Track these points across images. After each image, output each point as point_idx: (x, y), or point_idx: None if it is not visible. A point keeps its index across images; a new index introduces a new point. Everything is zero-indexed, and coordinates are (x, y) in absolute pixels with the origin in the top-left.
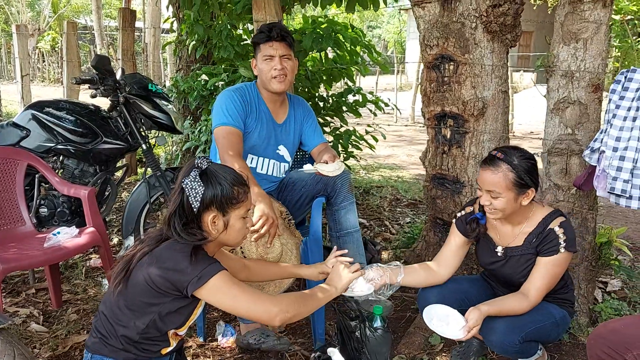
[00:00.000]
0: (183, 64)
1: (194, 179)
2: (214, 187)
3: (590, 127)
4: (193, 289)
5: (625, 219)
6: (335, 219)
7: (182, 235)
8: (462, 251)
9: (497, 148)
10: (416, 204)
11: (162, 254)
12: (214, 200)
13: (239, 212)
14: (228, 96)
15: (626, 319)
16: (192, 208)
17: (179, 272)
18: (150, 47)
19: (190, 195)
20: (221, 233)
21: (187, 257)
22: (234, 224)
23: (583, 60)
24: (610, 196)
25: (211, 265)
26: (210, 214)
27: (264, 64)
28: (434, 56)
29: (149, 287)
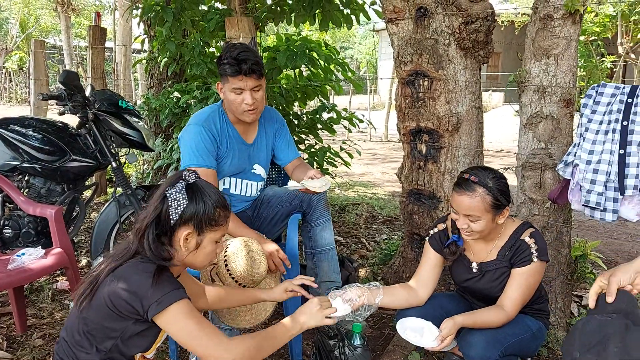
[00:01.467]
0: (155, 82)
1: (179, 190)
2: (197, 203)
3: (563, 141)
4: (153, 313)
5: (597, 233)
6: (310, 236)
7: (151, 248)
8: (438, 269)
9: (468, 170)
10: (392, 220)
11: (124, 273)
12: (194, 217)
13: (214, 235)
14: (197, 133)
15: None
16: (169, 219)
17: (140, 294)
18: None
19: (172, 205)
20: (190, 252)
21: (150, 278)
22: (205, 246)
23: (554, 76)
24: (585, 209)
25: (174, 290)
26: (185, 230)
27: (233, 95)
28: (408, 72)
29: (109, 309)
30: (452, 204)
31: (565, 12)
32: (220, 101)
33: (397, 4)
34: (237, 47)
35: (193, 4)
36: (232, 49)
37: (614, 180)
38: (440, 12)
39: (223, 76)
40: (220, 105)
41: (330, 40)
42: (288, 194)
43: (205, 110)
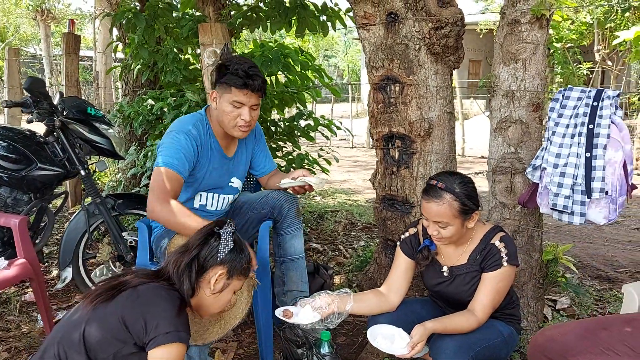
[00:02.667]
0: (129, 89)
1: (229, 232)
2: (238, 251)
3: (532, 145)
4: (156, 343)
5: (573, 237)
6: (279, 243)
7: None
8: (410, 274)
9: (435, 176)
10: (371, 227)
11: (147, 293)
12: (232, 261)
13: (237, 285)
14: (178, 140)
15: (563, 327)
16: (215, 255)
17: (154, 319)
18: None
19: (222, 244)
20: (212, 294)
21: (173, 308)
22: (227, 293)
23: (523, 80)
24: (553, 212)
25: (185, 332)
26: (220, 270)
27: (230, 107)
28: (380, 77)
29: (118, 322)
30: (423, 210)
31: (532, 17)
32: (203, 110)
33: (368, 10)
34: (247, 62)
35: (166, 10)
36: (241, 62)
37: (581, 183)
38: (410, 17)
39: (225, 85)
40: (205, 115)
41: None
42: (259, 200)
43: (189, 119)
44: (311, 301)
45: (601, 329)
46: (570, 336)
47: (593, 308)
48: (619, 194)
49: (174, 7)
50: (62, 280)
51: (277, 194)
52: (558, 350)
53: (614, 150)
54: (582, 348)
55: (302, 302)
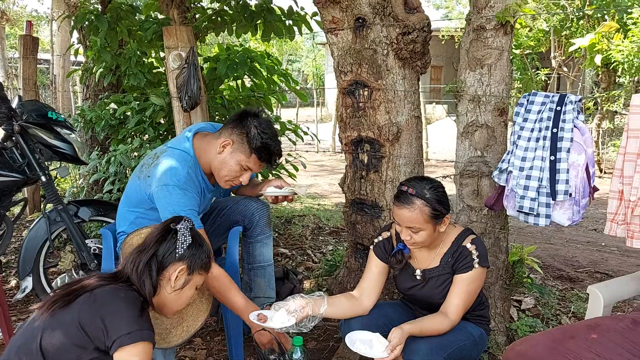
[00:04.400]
0: (90, 93)
1: (186, 227)
2: (197, 246)
3: (498, 149)
4: (118, 345)
5: (535, 238)
6: (249, 251)
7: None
8: (382, 277)
9: (406, 182)
10: (338, 231)
11: (104, 295)
12: (191, 257)
13: (198, 280)
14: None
15: (532, 340)
16: (174, 251)
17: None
18: (59, 78)
19: (179, 240)
20: (174, 291)
21: (133, 309)
22: (189, 289)
23: (488, 85)
24: (519, 214)
25: (149, 331)
26: (179, 266)
27: (238, 167)
28: (349, 82)
29: (76, 329)
30: (394, 216)
31: (497, 24)
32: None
33: (336, 14)
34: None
35: (129, 12)
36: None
37: (546, 186)
38: (378, 22)
39: (249, 150)
40: (194, 156)
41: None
42: (230, 207)
43: (181, 167)
44: (285, 305)
45: (568, 338)
46: (539, 349)
47: (556, 308)
48: (582, 196)
49: (137, 10)
50: (22, 290)
51: (247, 201)
52: None
53: (577, 153)
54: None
55: (276, 305)
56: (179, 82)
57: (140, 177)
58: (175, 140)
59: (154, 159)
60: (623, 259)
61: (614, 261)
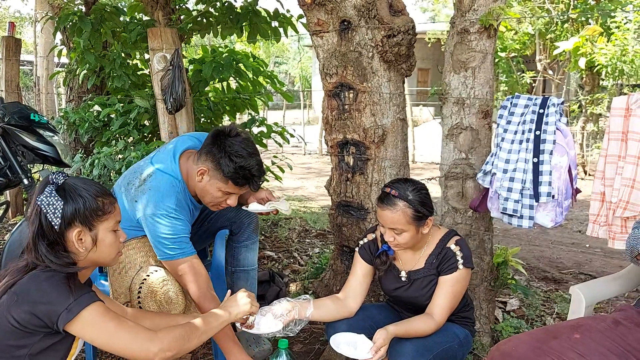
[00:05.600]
0: (74, 95)
1: (49, 194)
2: (75, 200)
3: (482, 151)
4: (63, 323)
5: (520, 240)
6: (234, 255)
7: (50, 258)
8: (368, 279)
9: (389, 184)
10: (325, 234)
11: (25, 287)
12: (77, 215)
13: (107, 225)
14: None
15: (516, 340)
16: (52, 226)
17: (46, 304)
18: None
19: (49, 212)
20: (90, 251)
21: (56, 287)
22: (103, 238)
23: (472, 88)
24: (503, 216)
25: (84, 295)
26: (74, 230)
27: (219, 193)
28: (334, 84)
29: (13, 327)
30: (378, 217)
31: (480, 27)
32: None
33: (321, 17)
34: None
35: (113, 14)
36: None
37: (529, 188)
38: (363, 25)
39: (223, 175)
40: (182, 180)
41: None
42: (218, 212)
43: (170, 195)
44: (272, 309)
45: (551, 338)
46: (523, 349)
47: (541, 309)
48: (565, 197)
49: (121, 11)
50: None
51: (236, 209)
52: None
53: (559, 155)
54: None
55: (262, 310)
56: (163, 84)
57: (127, 197)
58: (162, 158)
59: (140, 180)
60: (607, 260)
61: (597, 262)
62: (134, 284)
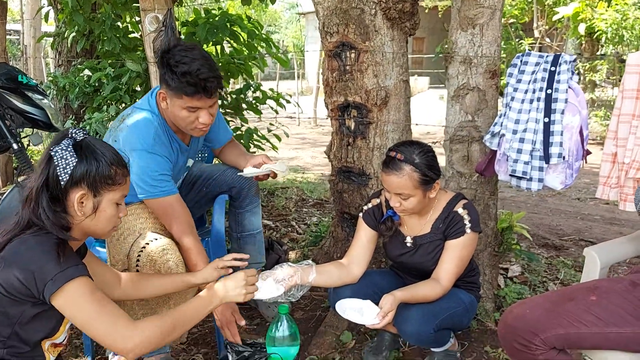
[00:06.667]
0: (63, 59)
1: (65, 147)
2: (89, 161)
3: (489, 113)
4: (49, 293)
5: (519, 207)
6: (238, 220)
7: (48, 215)
8: (372, 245)
9: (394, 147)
10: (322, 203)
11: (14, 251)
12: (86, 176)
13: (113, 196)
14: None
15: (530, 302)
16: (59, 181)
17: (34, 271)
18: (30, 48)
19: (59, 165)
20: (87, 217)
21: (46, 253)
22: (105, 209)
23: (480, 46)
24: (512, 179)
25: (72, 267)
26: (78, 191)
27: (185, 112)
28: (335, 44)
29: (2, 294)
30: (383, 182)
31: None
32: (154, 103)
33: None
34: (194, 58)
35: None
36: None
37: (540, 149)
38: None
39: (174, 90)
40: (159, 115)
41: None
42: (216, 177)
43: (148, 129)
44: (273, 274)
45: (567, 300)
46: (538, 312)
47: (543, 275)
48: (575, 158)
49: None
50: None
51: (234, 172)
52: (528, 328)
53: (571, 115)
54: (551, 322)
55: (263, 275)
56: (156, 46)
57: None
58: (141, 100)
59: (120, 121)
60: (607, 227)
61: (598, 229)
62: (133, 251)
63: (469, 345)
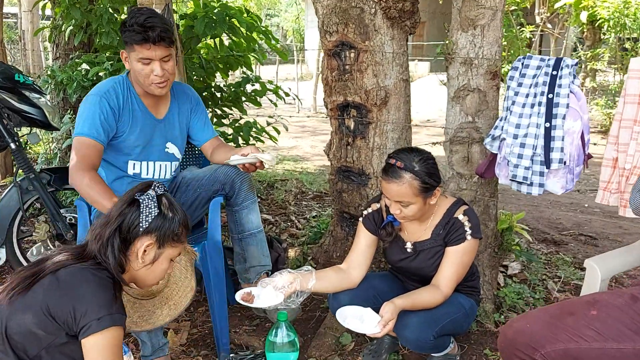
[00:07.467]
0: (61, 52)
1: (151, 197)
2: (166, 216)
3: (490, 114)
4: (89, 330)
5: (519, 201)
6: (236, 220)
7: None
8: (372, 250)
9: (394, 154)
10: (322, 196)
11: (71, 278)
12: (159, 229)
13: (172, 252)
14: (94, 103)
15: (530, 316)
16: (137, 226)
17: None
18: (28, 34)
19: (144, 212)
20: (144, 266)
21: (105, 291)
22: (162, 262)
23: (481, 47)
24: (512, 183)
25: (120, 314)
26: (147, 240)
27: (140, 65)
28: (334, 43)
29: (43, 314)
30: (383, 190)
31: None
32: (126, 72)
33: None
34: (143, 12)
35: None
36: (137, 14)
37: (540, 154)
38: None
39: (128, 44)
40: (126, 76)
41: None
42: (208, 176)
43: (108, 81)
44: (273, 281)
45: (567, 314)
46: (538, 326)
47: (542, 272)
48: (577, 163)
49: None
50: None
51: (226, 168)
52: (528, 342)
53: (572, 119)
54: (551, 337)
55: (262, 282)
56: None
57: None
58: None
59: None
60: (606, 220)
61: (597, 223)
62: None
63: (468, 348)
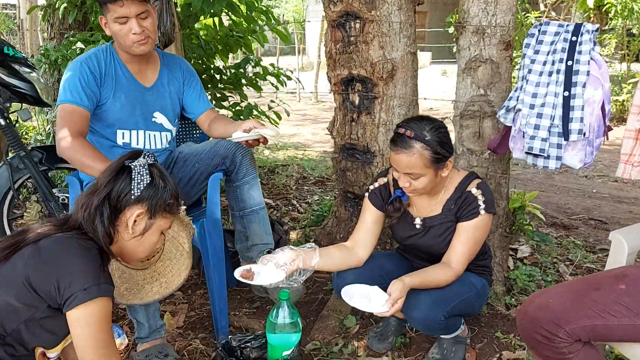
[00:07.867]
0: (55, 32)
1: (143, 165)
2: (157, 184)
3: (502, 87)
4: (75, 302)
5: (525, 186)
6: (237, 196)
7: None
8: (378, 227)
9: (403, 123)
10: (323, 181)
11: (54, 248)
12: (151, 198)
13: (164, 224)
14: (75, 69)
15: (551, 292)
16: (128, 194)
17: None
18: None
19: (135, 179)
20: (134, 237)
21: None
22: (152, 234)
23: (494, 15)
24: (528, 157)
25: (107, 284)
26: (138, 209)
27: (117, 25)
28: (339, 13)
29: (23, 285)
30: (392, 161)
31: None
32: (111, 41)
33: None
34: None
35: None
36: None
37: (558, 124)
38: None
39: (102, 6)
40: (111, 44)
41: None
42: (207, 151)
43: (91, 50)
44: (274, 258)
45: (593, 289)
46: (561, 302)
47: (553, 255)
48: (596, 135)
49: None
50: None
51: (226, 142)
52: (551, 319)
53: (593, 88)
54: (576, 313)
55: (263, 259)
56: None
57: None
58: None
59: None
60: (616, 205)
61: (607, 208)
62: None
63: (478, 331)
